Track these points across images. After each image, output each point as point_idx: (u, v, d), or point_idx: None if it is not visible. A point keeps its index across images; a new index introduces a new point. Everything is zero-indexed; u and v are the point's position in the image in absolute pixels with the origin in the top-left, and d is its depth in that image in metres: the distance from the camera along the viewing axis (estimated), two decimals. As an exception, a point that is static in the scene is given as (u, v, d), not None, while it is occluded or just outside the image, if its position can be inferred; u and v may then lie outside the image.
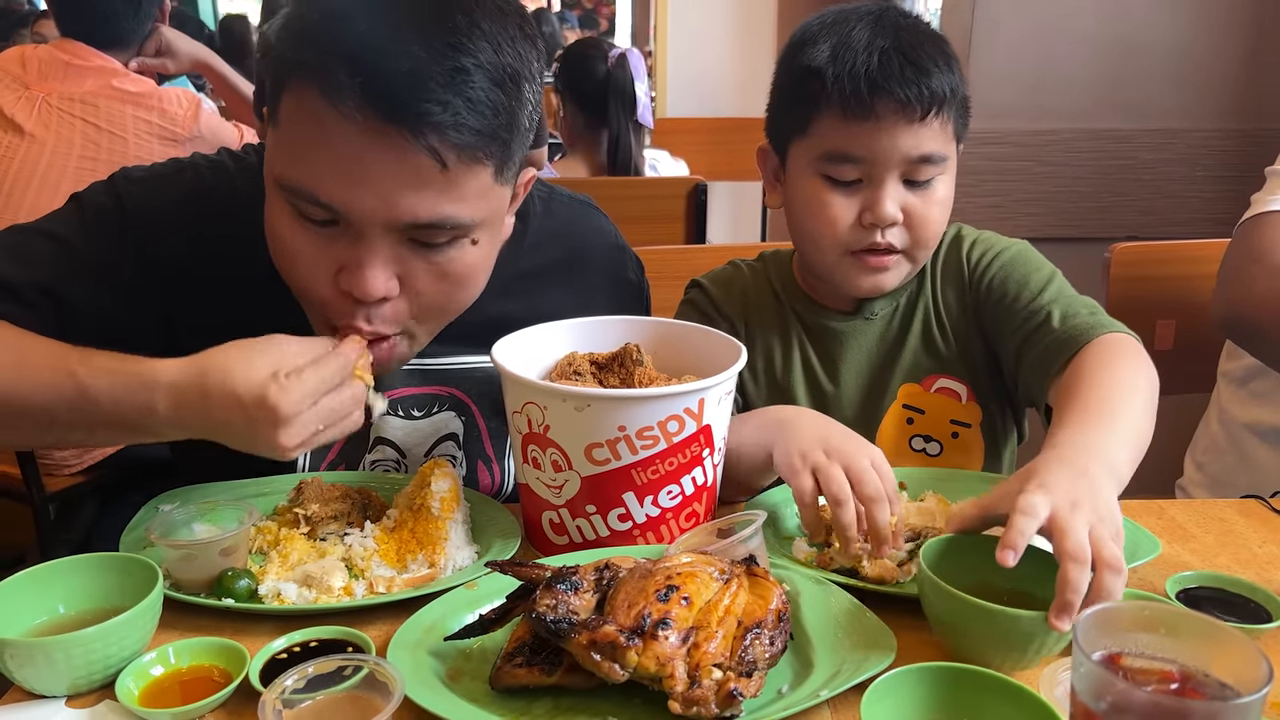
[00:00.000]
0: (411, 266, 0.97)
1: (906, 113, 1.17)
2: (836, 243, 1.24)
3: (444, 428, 1.24)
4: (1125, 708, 0.58)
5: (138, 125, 2.14)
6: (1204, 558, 1.07)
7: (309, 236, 0.96)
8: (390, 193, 0.91)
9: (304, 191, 0.92)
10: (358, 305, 0.98)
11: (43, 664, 0.80)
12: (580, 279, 1.29)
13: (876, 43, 1.19)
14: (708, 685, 0.76)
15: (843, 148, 1.20)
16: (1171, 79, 2.57)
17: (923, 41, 1.20)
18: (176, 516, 0.99)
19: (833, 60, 1.19)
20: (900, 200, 1.21)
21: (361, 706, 0.74)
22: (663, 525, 1.03)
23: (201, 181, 1.13)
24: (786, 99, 1.28)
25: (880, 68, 1.17)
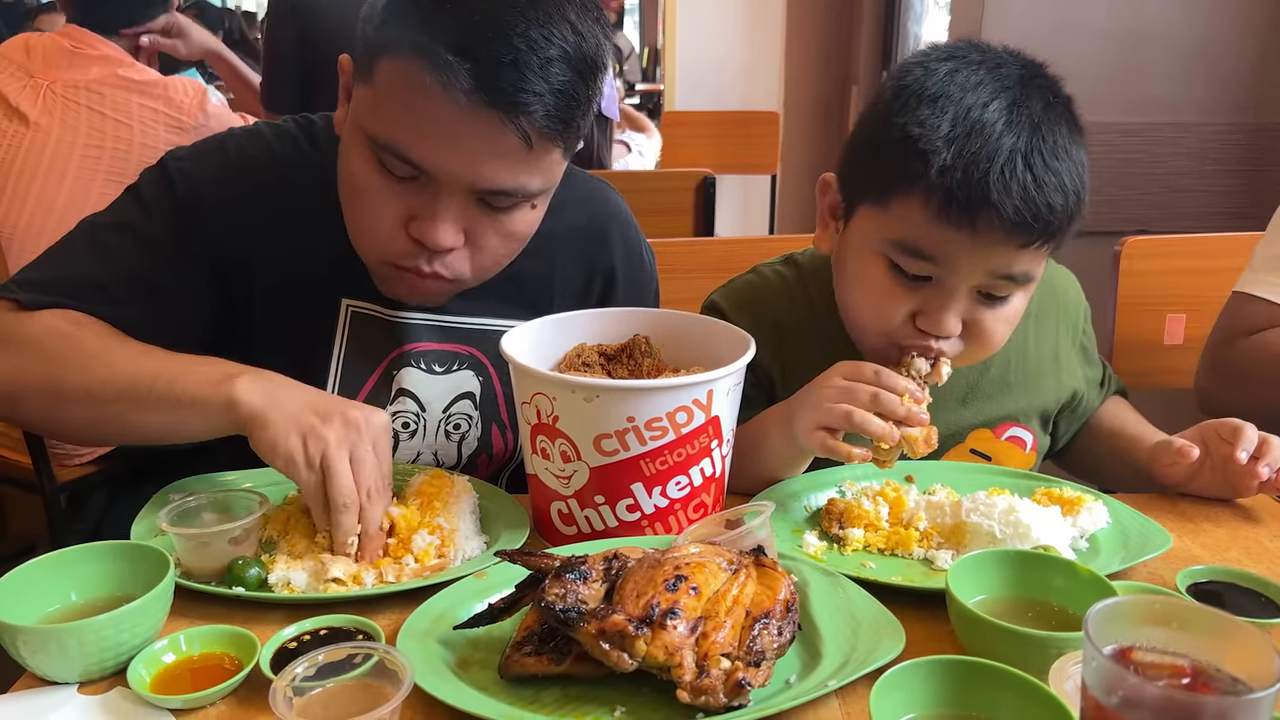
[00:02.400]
0: (478, 223, 1.06)
1: (1013, 234, 1.00)
2: (881, 331, 1.11)
3: (462, 386, 1.26)
4: (1137, 702, 0.58)
5: (144, 114, 2.14)
6: (1215, 552, 1.07)
7: (387, 185, 1.04)
8: (478, 162, 1.00)
9: (396, 149, 1.00)
10: (422, 250, 1.06)
11: (55, 651, 0.81)
12: (598, 247, 1.33)
13: (1007, 141, 0.99)
14: (716, 675, 0.76)
15: (922, 245, 1.03)
16: (1183, 73, 2.56)
17: (1059, 151, 1.01)
18: (187, 505, 1.00)
19: (948, 144, 0.99)
20: (967, 313, 1.07)
21: (371, 694, 0.74)
22: (671, 516, 1.03)
23: (242, 152, 1.19)
24: (874, 156, 1.09)
25: (1000, 178, 0.98)
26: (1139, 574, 1.01)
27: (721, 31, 5.20)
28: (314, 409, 0.97)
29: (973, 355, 1.13)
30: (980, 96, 1.01)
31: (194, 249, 1.14)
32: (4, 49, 2.20)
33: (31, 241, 2.05)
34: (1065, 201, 1.01)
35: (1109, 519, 1.08)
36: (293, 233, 1.16)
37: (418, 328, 1.23)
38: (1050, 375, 1.31)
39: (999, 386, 1.28)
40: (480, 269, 1.11)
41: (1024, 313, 1.21)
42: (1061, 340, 1.33)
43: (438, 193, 1.03)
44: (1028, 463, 1.31)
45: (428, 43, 0.96)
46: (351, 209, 1.10)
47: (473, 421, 1.27)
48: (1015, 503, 1.03)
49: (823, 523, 1.09)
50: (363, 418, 0.97)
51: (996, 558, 0.91)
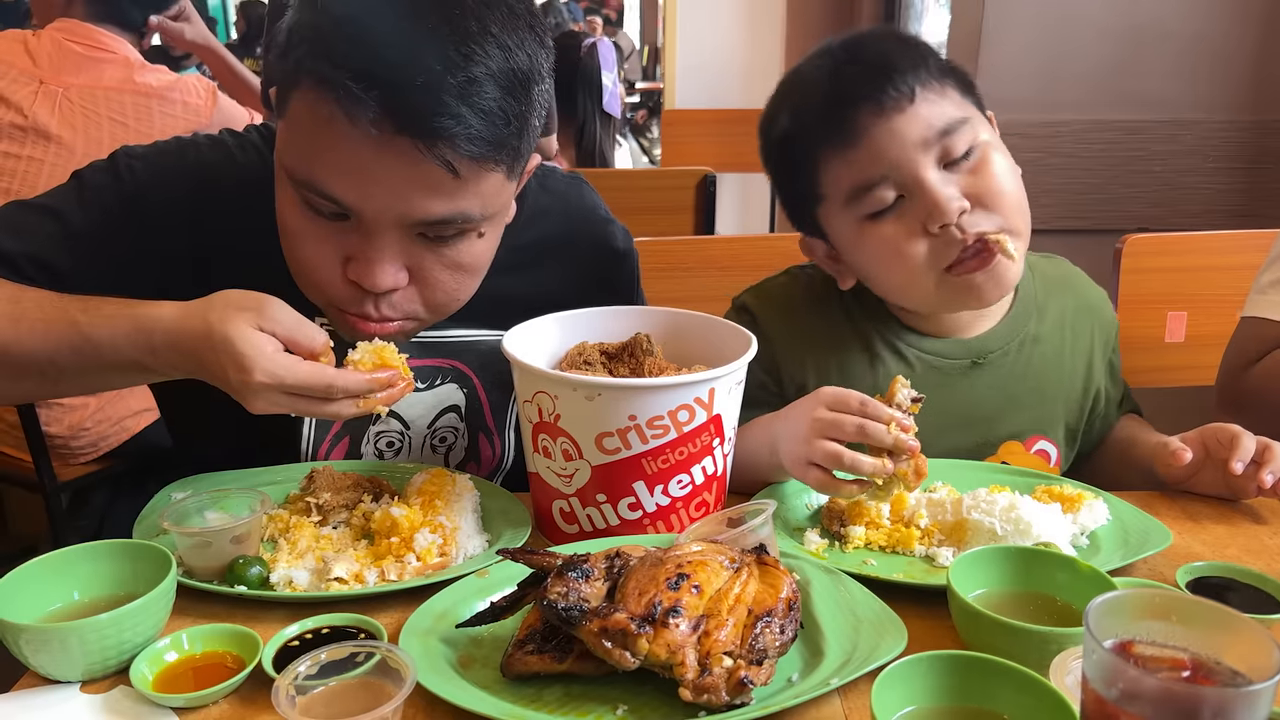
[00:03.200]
0: (421, 259, 1.00)
1: (889, 106, 1.09)
2: (923, 271, 1.13)
3: (447, 399, 1.24)
4: (1137, 695, 0.58)
5: (164, 121, 2.13)
6: (1215, 548, 1.07)
7: (318, 227, 0.98)
8: (402, 195, 0.93)
9: (315, 187, 0.94)
10: (365, 294, 1.00)
11: (57, 650, 0.81)
12: (575, 252, 1.29)
13: (822, 70, 1.15)
14: (718, 673, 0.76)
15: (859, 179, 1.11)
16: (1183, 70, 2.55)
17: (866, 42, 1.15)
18: (189, 504, 1.00)
19: (794, 116, 1.16)
20: (956, 184, 1.10)
21: (374, 692, 0.74)
22: (673, 514, 1.03)
23: (203, 159, 1.14)
24: (785, 179, 1.23)
25: (837, 88, 1.12)
26: (1139, 570, 1.01)
27: (722, 30, 5.19)
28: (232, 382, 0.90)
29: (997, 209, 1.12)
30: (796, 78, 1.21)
31: (125, 246, 1.08)
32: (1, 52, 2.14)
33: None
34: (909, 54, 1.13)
35: (1109, 516, 1.08)
36: (254, 245, 1.08)
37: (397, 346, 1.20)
38: (1082, 386, 1.32)
39: (1035, 391, 1.27)
40: (435, 305, 1.05)
41: (1060, 323, 1.29)
42: (1096, 352, 1.34)
43: (370, 231, 0.96)
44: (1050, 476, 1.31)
45: (330, 71, 0.89)
46: (288, 253, 1.03)
47: (459, 433, 1.26)
48: (1016, 500, 1.03)
49: (824, 521, 1.09)
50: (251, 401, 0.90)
51: (997, 554, 0.91)
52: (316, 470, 1.10)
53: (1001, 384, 1.25)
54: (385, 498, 1.09)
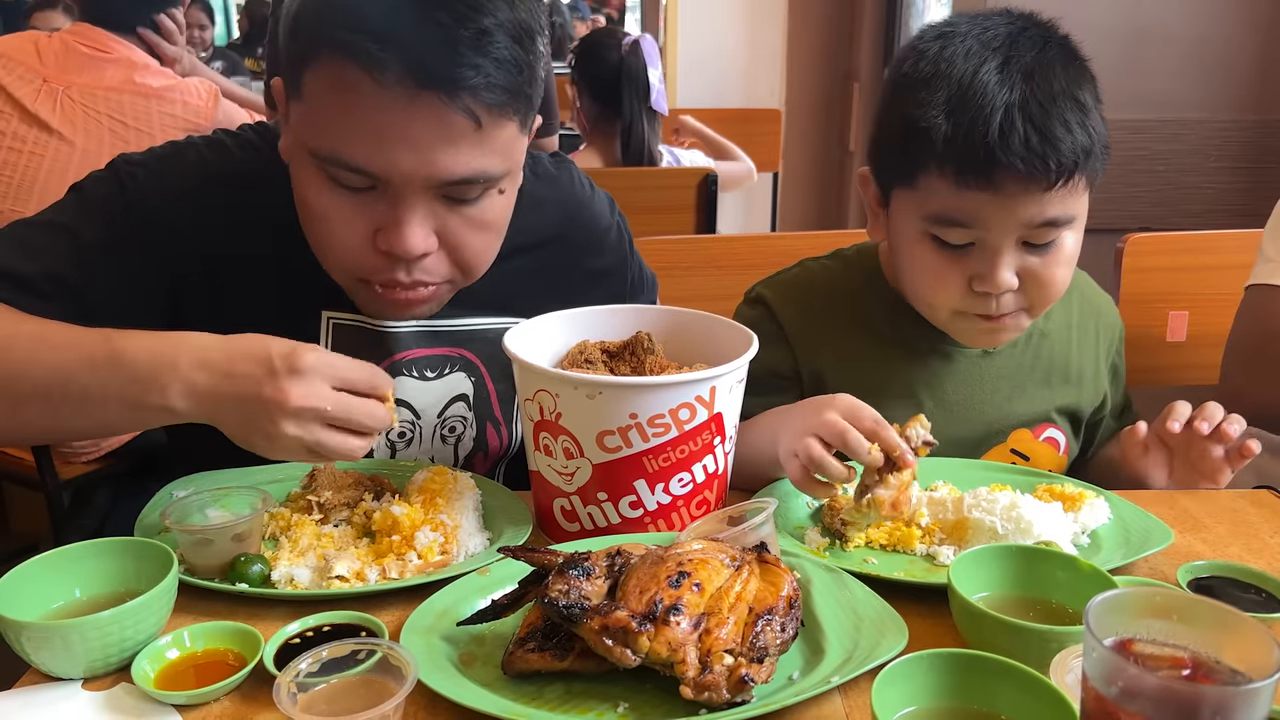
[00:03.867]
0: (447, 221, 1.02)
1: (1029, 184, 1.04)
2: (945, 305, 1.15)
3: (455, 388, 1.25)
4: (1136, 693, 0.58)
5: (163, 121, 2.14)
6: (1216, 547, 1.07)
7: (344, 201, 0.99)
8: (428, 152, 0.95)
9: (341, 159, 0.96)
10: (397, 262, 1.02)
11: (59, 647, 0.81)
12: (573, 233, 1.30)
13: (1001, 98, 1.03)
14: (719, 671, 0.76)
15: (951, 213, 1.08)
16: (1185, 69, 2.55)
17: (1055, 95, 1.05)
18: (190, 502, 1.00)
19: (947, 117, 1.05)
20: (1018, 265, 1.10)
21: (375, 690, 0.74)
22: (674, 513, 1.03)
23: (202, 158, 1.14)
24: (890, 144, 1.15)
25: (1001, 136, 1.02)
26: (1140, 569, 1.01)
27: (723, 28, 5.19)
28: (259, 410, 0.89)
29: (1041, 302, 1.15)
30: (970, 65, 1.06)
31: (134, 254, 1.09)
32: (9, 49, 2.17)
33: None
34: (1073, 139, 1.04)
35: (1110, 515, 1.08)
36: (259, 242, 1.11)
37: (406, 335, 1.20)
38: (1089, 383, 1.34)
39: (1044, 382, 1.30)
40: (466, 267, 1.06)
41: (1067, 322, 1.30)
42: (1101, 353, 1.37)
43: (397, 197, 0.98)
44: (1060, 465, 1.34)
45: (349, 36, 0.91)
46: (314, 234, 1.04)
47: (467, 423, 1.26)
48: (1017, 499, 1.03)
49: (824, 519, 1.10)
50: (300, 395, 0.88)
51: (998, 553, 0.91)
52: (318, 468, 1.10)
53: (1010, 374, 1.28)
54: (386, 496, 1.09)
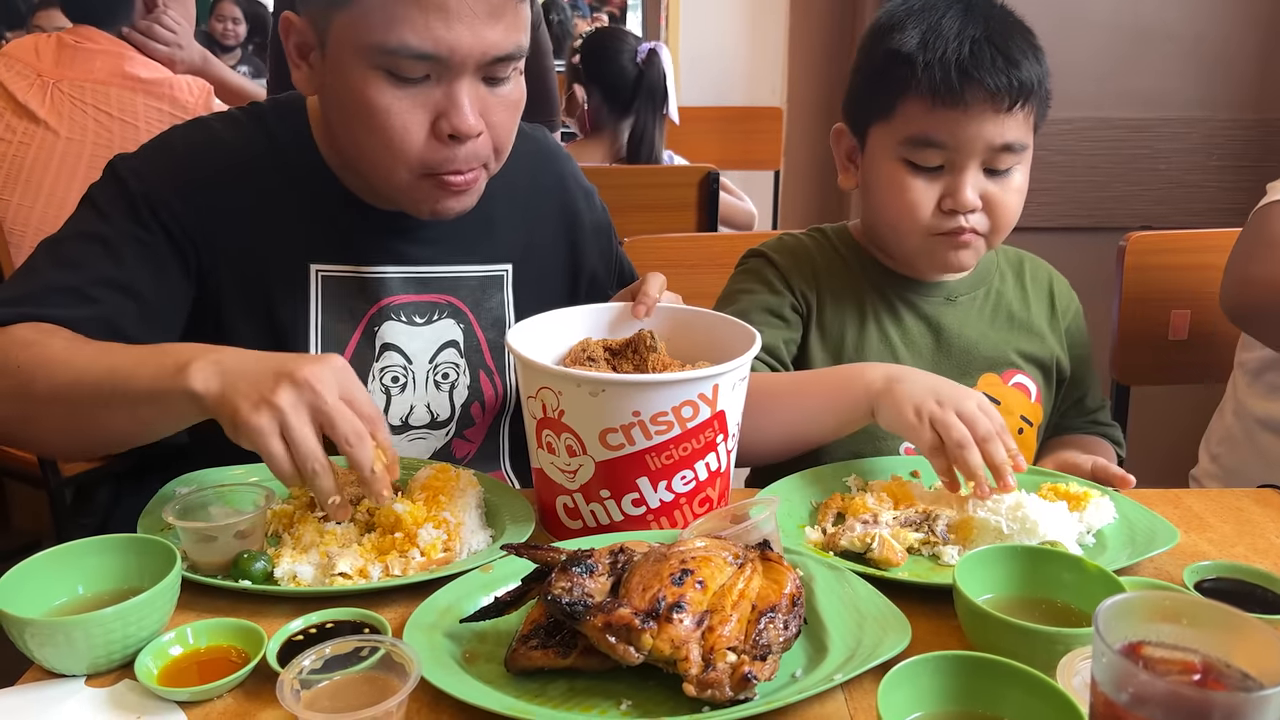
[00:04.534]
0: (488, 103, 1.11)
1: (995, 102, 1.20)
2: (917, 226, 1.26)
3: (445, 335, 1.28)
4: (1147, 699, 0.58)
5: (149, 113, 2.14)
6: (1221, 547, 1.07)
7: (404, 94, 1.07)
8: (481, 28, 1.05)
9: (407, 46, 1.03)
10: (453, 148, 1.09)
11: (63, 643, 0.81)
12: (560, 196, 1.40)
13: (968, 31, 1.21)
14: (722, 668, 0.76)
15: (928, 133, 1.22)
16: (1188, 68, 2.55)
17: (1012, 32, 1.23)
18: (193, 499, 1.00)
19: (923, 47, 1.21)
20: (980, 188, 1.24)
21: (378, 687, 0.74)
22: (676, 510, 1.03)
23: (187, 140, 1.21)
24: (870, 82, 1.30)
25: (971, 56, 1.19)
26: (1145, 570, 1.01)
27: (724, 27, 5.18)
28: (268, 376, 0.92)
29: (998, 226, 1.27)
30: (936, 13, 1.24)
31: (156, 242, 1.14)
32: (13, 50, 2.21)
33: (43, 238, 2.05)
34: (1030, 66, 1.22)
35: (1116, 515, 1.07)
36: (247, 212, 1.18)
37: (392, 281, 1.24)
38: (1049, 339, 1.42)
39: (1005, 329, 1.40)
40: (499, 149, 1.15)
41: (1020, 284, 1.44)
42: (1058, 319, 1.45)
43: (452, 81, 1.07)
44: (1035, 413, 1.38)
45: None
46: (376, 137, 1.09)
47: (460, 370, 1.29)
48: (1022, 498, 1.03)
49: (819, 516, 1.09)
50: (312, 372, 0.91)
51: (1003, 553, 0.91)
52: (321, 465, 1.10)
53: (973, 321, 1.38)
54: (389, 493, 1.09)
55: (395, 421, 1.26)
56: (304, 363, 0.92)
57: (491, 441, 1.35)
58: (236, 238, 1.18)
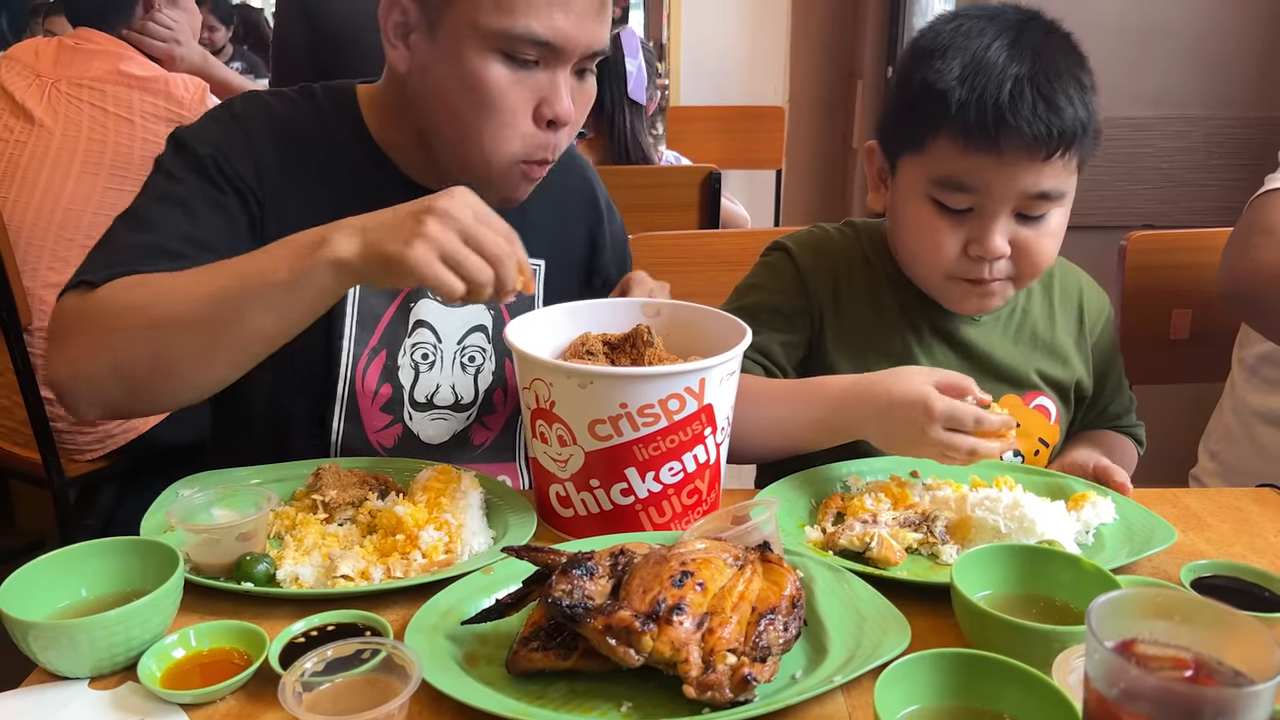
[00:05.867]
0: (575, 95, 1.17)
1: (1032, 150, 1.12)
2: (939, 268, 1.21)
3: (475, 318, 1.31)
4: (1138, 695, 0.58)
5: (145, 109, 2.15)
6: (1219, 546, 1.07)
7: (516, 78, 1.12)
8: (589, 22, 1.12)
9: (530, 33, 1.09)
10: (549, 134, 1.16)
11: (66, 646, 0.81)
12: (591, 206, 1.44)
13: (1011, 69, 1.12)
14: (722, 670, 0.76)
15: (958, 176, 1.16)
16: (1190, 66, 2.54)
17: (1061, 70, 1.14)
18: (196, 501, 1.00)
19: (961, 83, 1.13)
20: (1011, 233, 1.17)
21: (380, 689, 0.75)
22: (665, 501, 1.04)
23: (246, 109, 1.23)
24: (903, 110, 1.22)
25: (1011, 100, 1.11)
26: (1143, 569, 1.01)
27: (726, 26, 5.18)
28: (407, 218, 0.95)
29: (1028, 271, 1.21)
30: (983, 40, 1.16)
31: (227, 200, 1.17)
32: (14, 52, 2.22)
33: (38, 236, 2.06)
34: (1075, 113, 1.13)
35: (1114, 514, 1.08)
36: (299, 180, 1.20)
37: None
38: (1074, 363, 1.38)
39: (1028, 353, 1.35)
40: (568, 141, 1.20)
41: (1048, 303, 1.36)
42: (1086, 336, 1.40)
43: (557, 69, 1.13)
44: (1053, 435, 1.36)
45: None
46: (486, 117, 1.13)
47: (486, 354, 1.31)
48: (1020, 497, 1.03)
49: (819, 517, 1.10)
50: (448, 204, 0.95)
51: (1001, 552, 0.92)
52: (323, 467, 1.11)
53: (997, 340, 1.33)
54: (391, 495, 1.10)
55: (420, 399, 1.28)
56: (436, 198, 0.96)
57: (508, 433, 1.37)
58: (289, 201, 1.20)
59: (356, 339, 1.23)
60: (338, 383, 1.23)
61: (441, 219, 0.94)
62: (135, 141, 2.12)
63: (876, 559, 0.99)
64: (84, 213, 2.09)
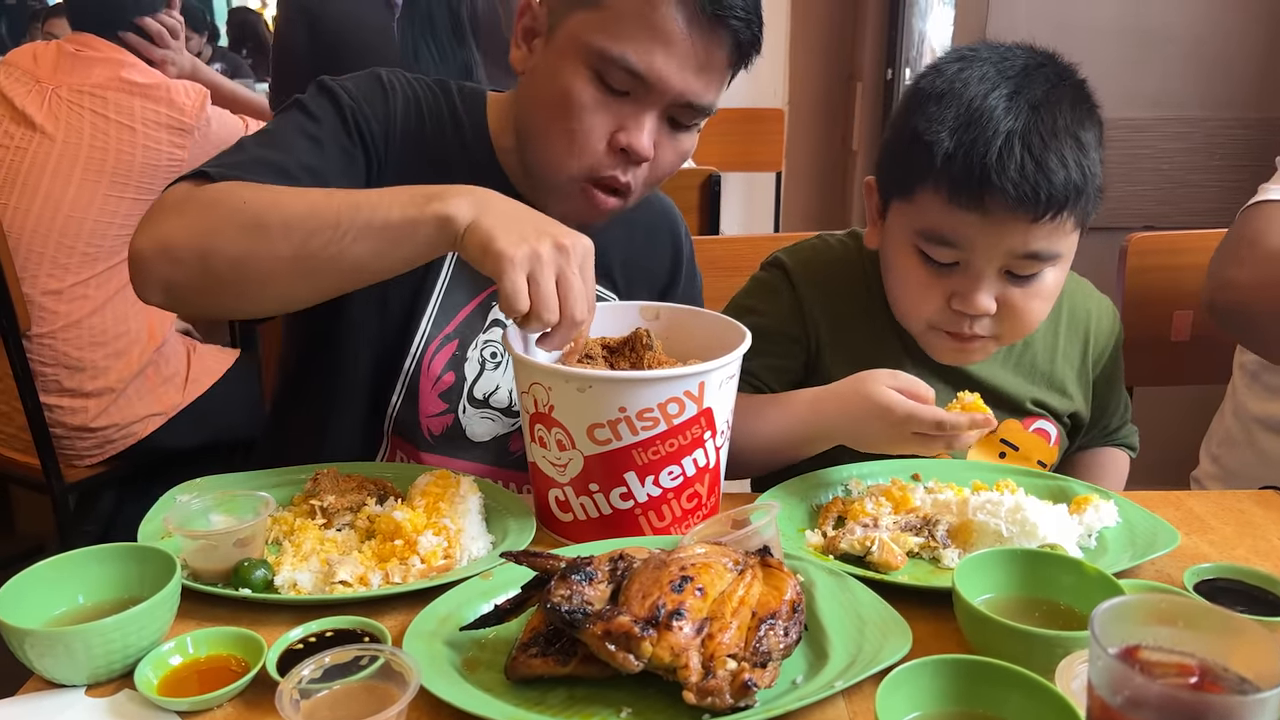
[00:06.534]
0: (663, 141, 1.18)
1: (1017, 212, 1.07)
2: (922, 319, 1.19)
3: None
4: (1142, 702, 0.58)
5: (146, 115, 2.15)
6: (1222, 549, 1.07)
7: (602, 101, 1.14)
8: (688, 72, 1.13)
9: (625, 60, 1.10)
10: (623, 162, 1.17)
11: (62, 654, 0.81)
12: (673, 241, 1.45)
13: (1004, 124, 1.07)
14: (722, 676, 0.76)
15: (941, 231, 1.12)
16: (1190, 67, 2.54)
17: (1058, 130, 1.08)
18: (193, 507, 1.00)
19: (951, 135, 1.09)
20: (998, 292, 1.14)
21: (378, 696, 0.74)
22: (664, 505, 1.04)
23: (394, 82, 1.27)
24: (894, 155, 1.19)
25: (999, 160, 1.06)
26: (1146, 572, 1.01)
27: (725, 29, 5.17)
28: (531, 226, 0.97)
29: (1012, 332, 1.19)
30: (981, 89, 1.10)
31: (356, 153, 1.20)
32: (13, 58, 2.22)
33: (39, 242, 2.06)
34: (1068, 175, 1.07)
35: (1117, 517, 1.07)
36: (417, 162, 1.24)
37: None
38: (1074, 395, 1.35)
39: (1026, 383, 1.32)
40: (652, 181, 1.22)
41: (1053, 334, 1.33)
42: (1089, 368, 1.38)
43: (645, 106, 1.14)
44: (1051, 455, 1.35)
45: None
46: (562, 126, 1.16)
47: None
48: (1022, 500, 1.03)
49: (819, 521, 1.09)
50: (570, 242, 0.97)
51: (1003, 556, 0.91)
52: (320, 472, 1.11)
53: (996, 370, 1.31)
54: (390, 500, 1.09)
55: (478, 395, 1.29)
56: (565, 230, 0.98)
57: None
58: (404, 177, 1.18)
59: (434, 322, 1.27)
60: (405, 358, 1.26)
61: (557, 249, 0.96)
62: (137, 149, 2.12)
63: (877, 563, 0.99)
64: (85, 220, 2.09)
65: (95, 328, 2.11)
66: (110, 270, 2.12)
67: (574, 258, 0.97)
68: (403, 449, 1.29)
